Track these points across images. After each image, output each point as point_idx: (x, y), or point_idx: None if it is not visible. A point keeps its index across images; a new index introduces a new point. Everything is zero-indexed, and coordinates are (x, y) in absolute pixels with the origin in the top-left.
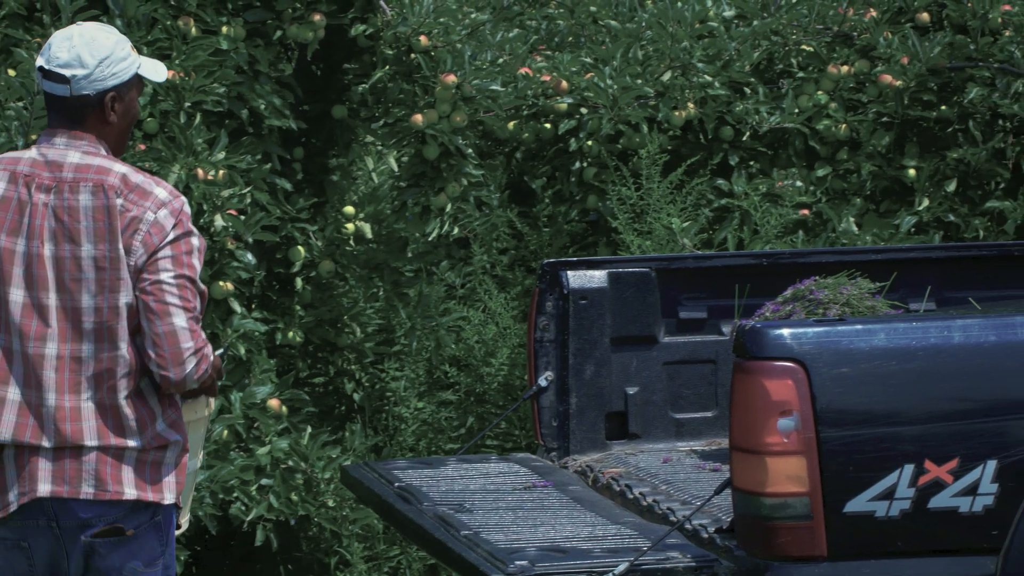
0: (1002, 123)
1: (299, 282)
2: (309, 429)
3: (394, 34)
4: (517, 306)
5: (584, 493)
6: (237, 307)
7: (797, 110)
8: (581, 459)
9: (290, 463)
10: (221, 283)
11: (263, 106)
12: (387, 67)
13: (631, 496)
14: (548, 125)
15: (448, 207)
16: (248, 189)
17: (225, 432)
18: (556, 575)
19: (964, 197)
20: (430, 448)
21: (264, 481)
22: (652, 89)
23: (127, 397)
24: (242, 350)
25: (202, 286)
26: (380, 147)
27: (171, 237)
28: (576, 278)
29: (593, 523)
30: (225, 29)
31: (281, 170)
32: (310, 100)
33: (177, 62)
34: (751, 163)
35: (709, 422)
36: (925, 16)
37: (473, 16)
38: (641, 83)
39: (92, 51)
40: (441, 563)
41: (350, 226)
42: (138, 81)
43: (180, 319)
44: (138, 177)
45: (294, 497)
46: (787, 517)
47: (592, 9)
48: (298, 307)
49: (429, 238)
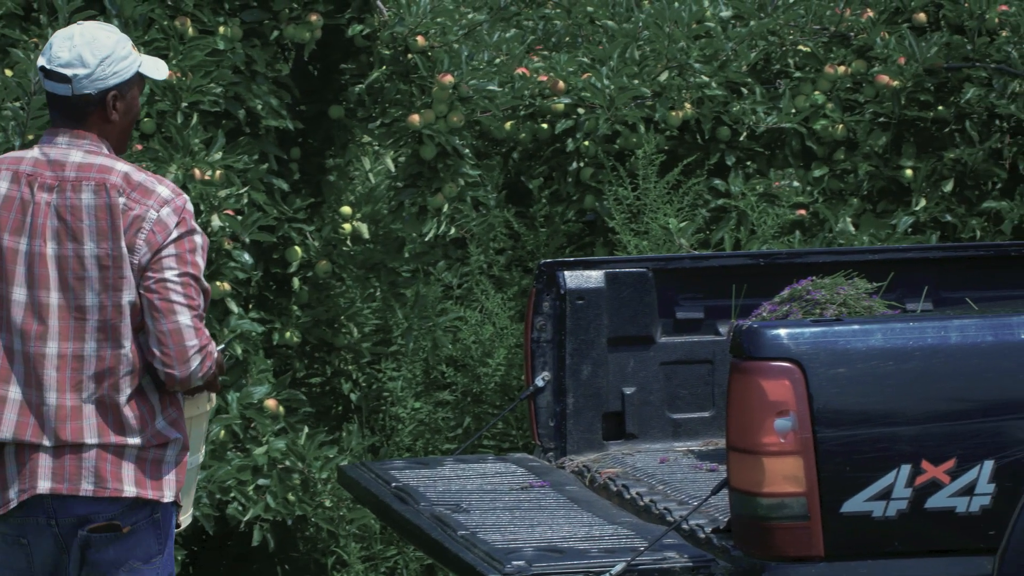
0: (999, 123)
1: (296, 282)
2: (306, 429)
3: (391, 34)
4: (514, 306)
5: (581, 493)
6: (234, 307)
7: (794, 110)
8: (578, 459)
9: (287, 463)
10: (218, 283)
11: (260, 106)
12: (384, 67)
13: (628, 496)
14: (545, 125)
15: (445, 207)
16: (245, 189)
17: (222, 432)
18: (553, 575)
19: (961, 197)
20: (427, 448)
21: (261, 481)
22: (649, 89)
23: (128, 395)
24: (239, 350)
25: (206, 284)
26: (377, 147)
27: (174, 235)
28: (573, 278)
29: (590, 523)
30: (222, 29)
31: (278, 170)
32: (307, 100)
33: (174, 62)
34: (748, 163)
35: (706, 422)
36: (922, 16)
37: (470, 16)
38: (638, 83)
39: (93, 50)
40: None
41: (347, 226)
42: (139, 80)
43: (185, 317)
44: (140, 175)
45: (291, 497)
46: (784, 517)
47: (589, 9)
48: (295, 307)
49: (426, 238)
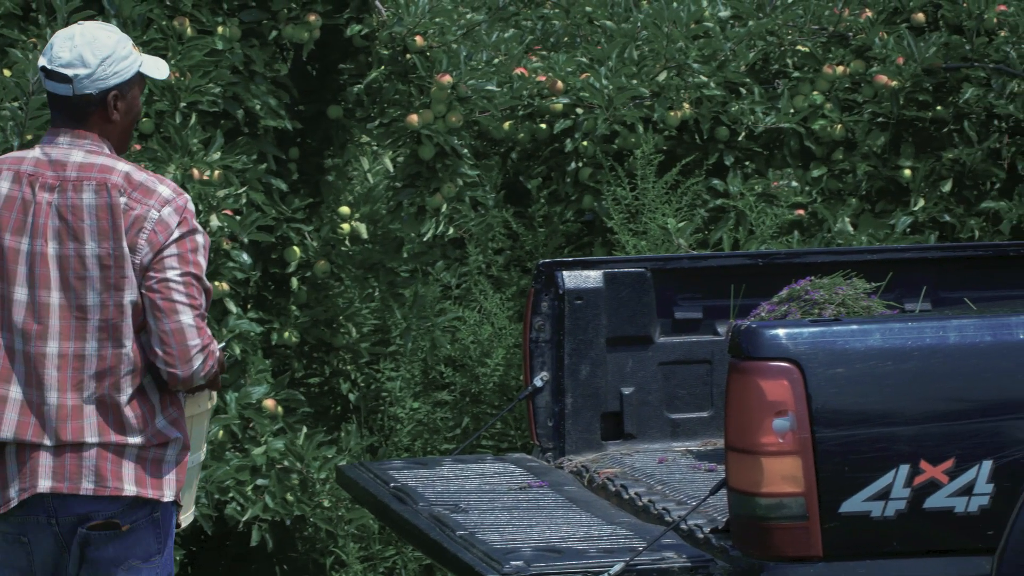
0: (997, 123)
1: (295, 282)
2: (304, 429)
3: (389, 34)
4: (513, 306)
5: (580, 493)
6: (233, 307)
7: (793, 110)
8: (577, 459)
9: (286, 463)
10: (217, 283)
11: (259, 106)
12: (382, 67)
13: (627, 496)
14: (543, 125)
15: (444, 207)
16: (244, 189)
17: (221, 432)
18: (552, 575)
19: (959, 197)
20: (426, 448)
21: (260, 481)
22: (647, 89)
23: (129, 395)
24: (237, 350)
25: (207, 283)
26: (376, 147)
27: (176, 235)
28: (572, 278)
29: (589, 523)
30: (220, 29)
31: (277, 170)
32: (305, 100)
33: (172, 62)
34: (746, 163)
35: (705, 422)
36: (921, 16)
37: (469, 16)
38: (636, 83)
39: (94, 50)
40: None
41: (346, 226)
42: (140, 79)
43: (187, 317)
44: (141, 175)
45: (290, 497)
46: (782, 517)
47: (588, 9)
48: (294, 307)
49: (424, 238)
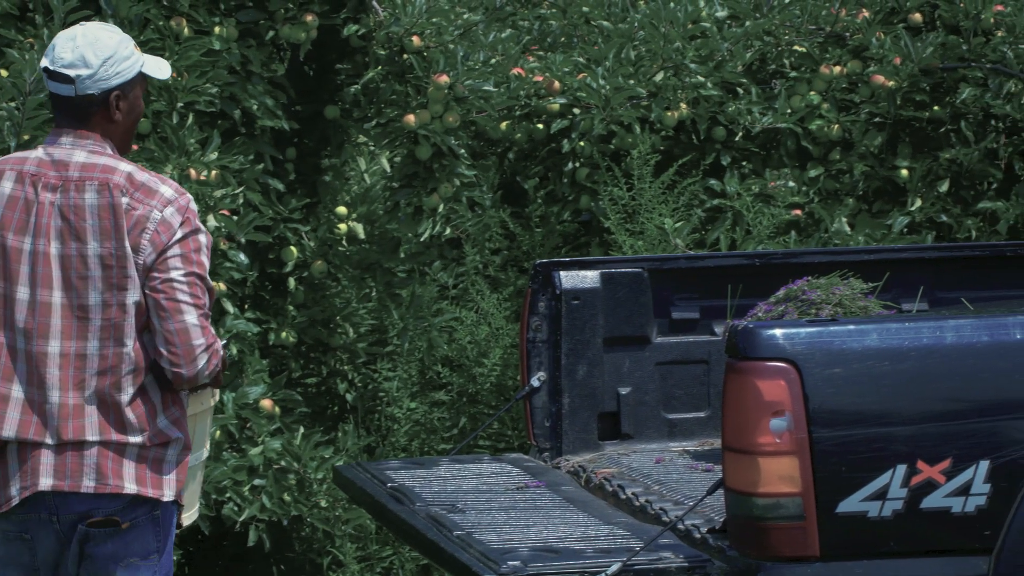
0: (994, 123)
1: (292, 282)
2: (302, 429)
3: (386, 34)
4: (510, 306)
5: (577, 493)
6: (230, 307)
7: (789, 110)
8: (574, 459)
9: (283, 463)
10: (214, 283)
11: (255, 106)
12: (379, 67)
13: (624, 496)
14: (540, 125)
15: (441, 207)
16: (241, 189)
17: (218, 432)
18: (549, 575)
19: (956, 197)
20: (423, 448)
21: (257, 481)
22: (644, 89)
23: (131, 394)
24: (235, 350)
25: (211, 283)
26: (373, 147)
27: (179, 235)
28: (569, 278)
29: (586, 523)
30: (217, 29)
31: (274, 170)
32: (303, 100)
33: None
34: (743, 163)
35: (702, 422)
36: (917, 16)
37: (466, 16)
38: (633, 83)
39: (96, 51)
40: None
41: (343, 226)
42: (142, 79)
43: (191, 316)
44: (143, 175)
45: (287, 497)
46: (780, 517)
47: (584, 9)
48: (291, 307)
49: (421, 238)
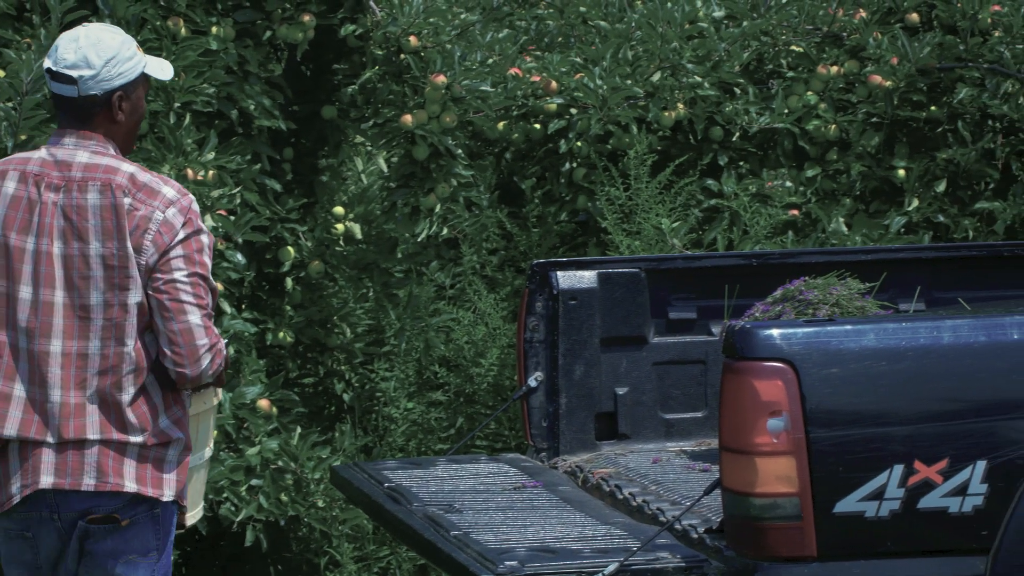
0: (991, 123)
1: (289, 282)
2: (299, 429)
3: (384, 34)
4: (507, 306)
5: (574, 493)
6: (227, 307)
7: (787, 110)
8: (571, 459)
9: (280, 463)
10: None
11: (253, 106)
12: (377, 67)
13: (621, 496)
14: (538, 125)
15: (438, 207)
16: (238, 189)
17: (215, 432)
18: (546, 575)
19: (954, 197)
20: (420, 448)
21: (254, 481)
22: (642, 89)
23: (132, 394)
24: (232, 351)
25: (214, 283)
26: (370, 147)
27: (181, 236)
28: (566, 278)
29: (583, 523)
30: (215, 29)
31: (271, 170)
32: (300, 100)
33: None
34: (741, 163)
35: (699, 422)
36: (915, 17)
37: (463, 16)
38: (631, 83)
39: (98, 51)
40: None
41: (340, 226)
42: (144, 80)
43: (195, 316)
44: (146, 176)
45: (284, 497)
46: (777, 517)
47: (582, 9)
48: (288, 307)
49: (419, 239)
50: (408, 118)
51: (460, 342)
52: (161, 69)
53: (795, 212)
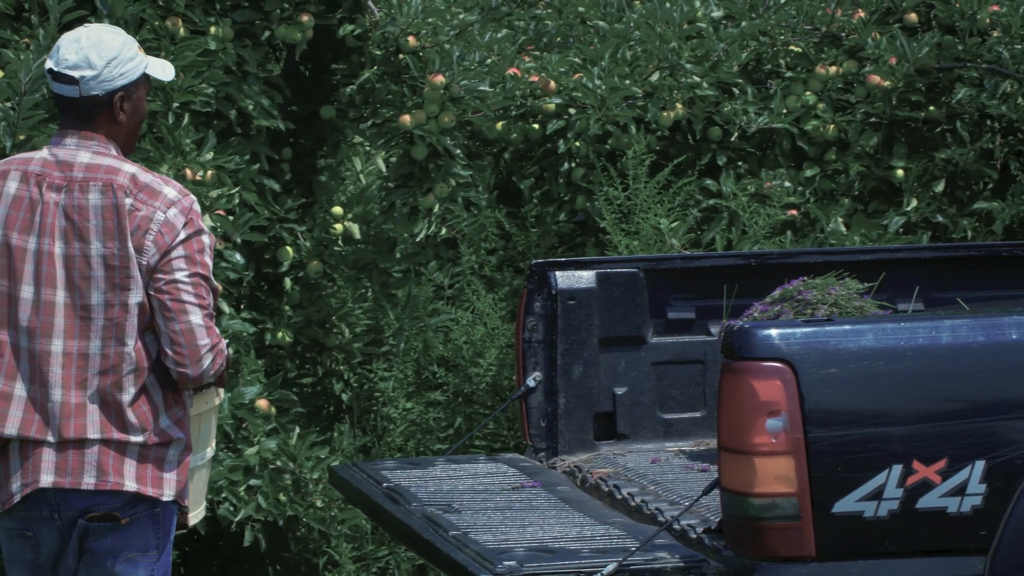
0: (990, 123)
1: (288, 282)
2: (297, 429)
3: (382, 34)
4: (505, 306)
5: (572, 493)
6: (226, 307)
7: (785, 110)
8: (569, 459)
9: (278, 463)
10: None
11: (251, 106)
12: (375, 67)
13: (619, 496)
14: (536, 126)
15: (436, 208)
16: (236, 189)
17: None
18: (544, 575)
19: (952, 197)
20: (418, 448)
21: (252, 481)
22: (640, 89)
23: (133, 394)
24: (231, 351)
25: (215, 283)
26: (368, 148)
27: (182, 236)
28: (564, 278)
29: (581, 523)
30: (213, 29)
31: (269, 170)
32: (298, 100)
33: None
34: (739, 163)
35: (697, 422)
36: (913, 17)
37: (461, 16)
38: (629, 83)
39: (100, 52)
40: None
41: (338, 226)
42: (146, 81)
43: (196, 316)
44: (147, 177)
45: (282, 497)
46: (775, 517)
47: (580, 10)
48: (287, 307)
49: (417, 239)
50: (407, 118)
51: (459, 342)
52: (163, 70)
53: (794, 212)
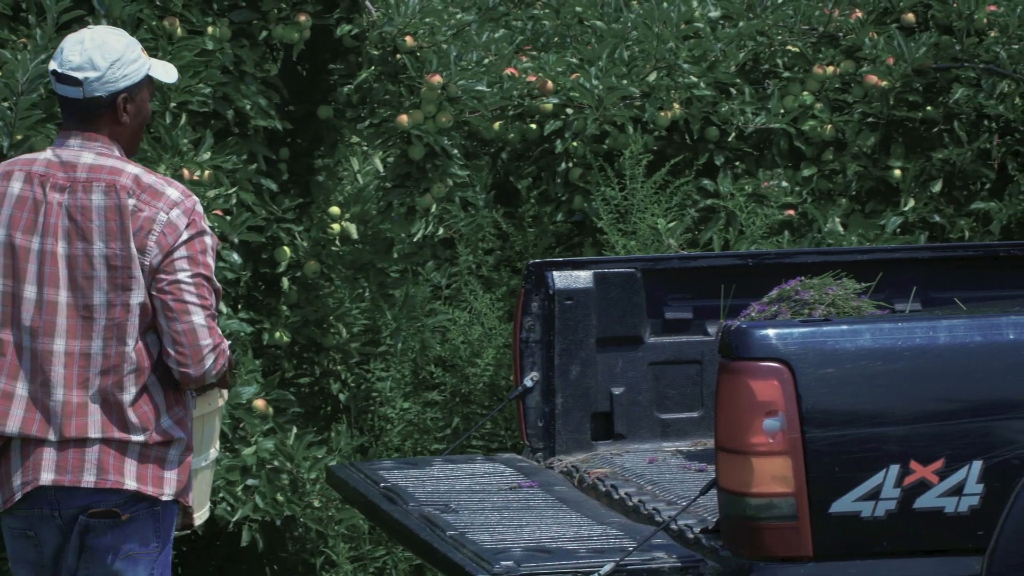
0: (987, 124)
1: (285, 282)
2: (295, 429)
3: (380, 34)
4: (503, 306)
5: (570, 493)
6: (223, 307)
7: (783, 110)
8: (567, 459)
9: (276, 463)
10: None
11: (249, 106)
12: (373, 67)
13: (617, 496)
14: (534, 125)
15: (433, 208)
16: (234, 189)
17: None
18: (542, 575)
19: (949, 198)
20: (416, 448)
21: (250, 481)
22: (638, 89)
23: (134, 394)
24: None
25: (217, 283)
26: (366, 147)
27: (185, 237)
28: (562, 278)
29: (579, 523)
30: (211, 29)
31: (267, 170)
32: (296, 100)
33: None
34: (737, 163)
35: (695, 422)
36: (910, 17)
37: (459, 16)
38: (627, 83)
39: (103, 54)
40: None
41: (336, 226)
42: (149, 82)
43: (199, 317)
44: (150, 178)
45: (280, 497)
46: (773, 517)
47: (578, 9)
48: (284, 307)
49: (414, 239)
50: (404, 118)
51: (456, 342)
52: (166, 72)
53: (791, 212)
